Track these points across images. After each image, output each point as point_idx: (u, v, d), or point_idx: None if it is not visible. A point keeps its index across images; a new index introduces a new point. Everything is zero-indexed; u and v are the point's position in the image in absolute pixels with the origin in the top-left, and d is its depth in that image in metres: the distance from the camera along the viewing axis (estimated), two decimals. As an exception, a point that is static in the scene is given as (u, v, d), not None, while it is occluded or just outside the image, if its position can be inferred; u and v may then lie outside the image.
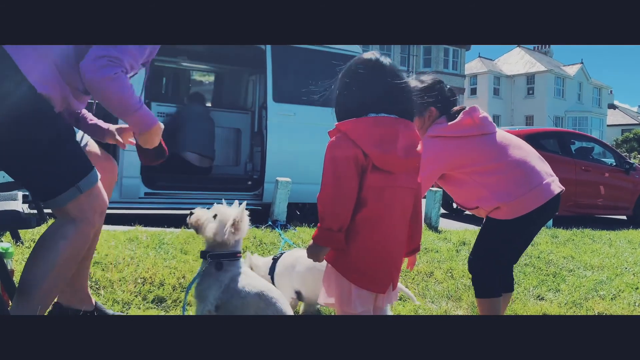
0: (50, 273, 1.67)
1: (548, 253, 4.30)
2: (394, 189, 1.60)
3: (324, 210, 1.55)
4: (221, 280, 1.98)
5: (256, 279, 2.11)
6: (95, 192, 1.75)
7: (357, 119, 1.58)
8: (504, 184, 2.13)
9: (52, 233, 1.68)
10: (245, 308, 2.04)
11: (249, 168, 6.25)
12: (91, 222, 1.74)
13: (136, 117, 1.74)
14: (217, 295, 1.97)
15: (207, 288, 1.96)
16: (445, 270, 3.50)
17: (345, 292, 1.60)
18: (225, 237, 1.96)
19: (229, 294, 2.00)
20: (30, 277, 1.68)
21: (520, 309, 2.84)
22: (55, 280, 1.71)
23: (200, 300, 1.97)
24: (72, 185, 1.66)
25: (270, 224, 4.56)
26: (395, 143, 1.57)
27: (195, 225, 2.03)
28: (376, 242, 1.59)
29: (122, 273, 2.70)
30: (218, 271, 1.98)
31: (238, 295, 2.02)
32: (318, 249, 1.58)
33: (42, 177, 1.65)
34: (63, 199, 1.66)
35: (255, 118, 6.21)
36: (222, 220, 1.99)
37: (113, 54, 1.64)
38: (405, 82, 1.64)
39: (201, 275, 1.98)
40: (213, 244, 2.01)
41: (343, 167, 1.53)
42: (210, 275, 1.98)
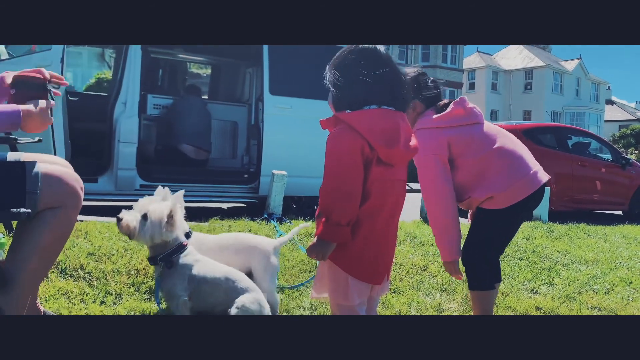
0: (33, 256, 1.65)
1: (543, 247, 4.31)
2: (392, 182, 1.60)
3: (331, 204, 1.49)
4: (182, 273, 2.02)
5: (212, 262, 2.14)
6: (52, 179, 1.66)
7: (361, 111, 1.55)
8: (496, 174, 2.14)
9: (34, 220, 1.65)
10: (215, 290, 2.06)
11: (245, 161, 6.24)
12: (69, 205, 1.69)
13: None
14: (184, 287, 2.00)
15: (172, 286, 2.00)
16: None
17: (342, 285, 1.58)
18: (163, 238, 1.96)
19: (195, 282, 2.03)
20: (14, 262, 1.66)
21: (513, 303, 2.85)
22: (39, 263, 1.68)
23: (171, 299, 2.01)
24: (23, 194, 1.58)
25: (265, 217, 4.55)
26: (398, 136, 1.57)
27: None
28: (376, 234, 1.58)
29: (116, 264, 2.70)
30: (171, 269, 2.01)
31: (205, 280, 2.04)
32: (325, 245, 1.51)
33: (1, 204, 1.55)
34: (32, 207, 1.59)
35: (252, 111, 6.19)
36: (155, 220, 1.96)
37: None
38: (404, 75, 1.64)
39: (159, 279, 2.00)
40: (154, 245, 2.01)
41: (350, 159, 1.49)
42: (167, 275, 2.01)
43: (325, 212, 1.50)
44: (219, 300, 2.08)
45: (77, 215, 1.75)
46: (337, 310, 1.64)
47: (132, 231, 1.95)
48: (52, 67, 4.10)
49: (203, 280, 2.04)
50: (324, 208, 1.51)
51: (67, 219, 1.70)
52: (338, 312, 1.64)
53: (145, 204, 2.01)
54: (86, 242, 2.95)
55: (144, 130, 5.07)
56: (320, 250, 1.52)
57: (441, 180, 2.14)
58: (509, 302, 2.86)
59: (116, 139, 4.77)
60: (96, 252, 2.81)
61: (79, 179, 1.75)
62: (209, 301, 2.07)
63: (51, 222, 1.66)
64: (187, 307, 2.01)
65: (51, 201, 1.65)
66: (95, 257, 2.76)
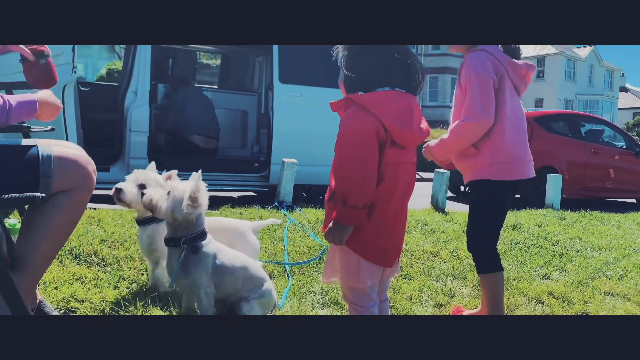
0: (46, 238, 1.67)
1: (555, 234, 4.28)
2: (405, 165, 1.59)
3: (348, 187, 1.48)
4: (207, 263, 2.00)
5: (230, 251, 2.15)
6: (65, 162, 1.67)
7: (375, 92, 1.54)
8: (507, 142, 2.14)
9: (47, 203, 1.66)
10: (236, 280, 2.07)
11: (255, 150, 6.25)
12: (82, 187, 1.70)
13: (12, 119, 1.64)
14: (209, 277, 1.99)
15: (198, 276, 1.97)
16: (450, 250, 3.50)
17: (353, 267, 1.58)
18: (184, 212, 1.91)
19: (220, 273, 2.02)
20: (26, 244, 1.67)
21: (525, 288, 2.84)
22: (51, 246, 1.70)
23: (198, 288, 1.98)
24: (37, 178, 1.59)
25: (276, 205, 4.57)
26: (412, 118, 1.56)
27: (149, 205, 1.95)
28: (388, 217, 1.57)
29: (129, 250, 2.73)
30: (196, 254, 1.98)
31: (229, 271, 2.05)
32: (342, 229, 1.50)
33: (15, 188, 1.54)
34: (46, 190, 1.60)
35: (262, 99, 6.19)
36: (178, 196, 1.92)
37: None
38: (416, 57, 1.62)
39: (181, 264, 1.96)
40: (175, 225, 1.97)
41: (366, 141, 1.48)
42: (192, 262, 1.97)
43: (342, 195, 1.49)
44: (236, 289, 2.10)
45: (89, 197, 1.77)
46: (348, 293, 1.64)
47: (154, 205, 1.93)
48: (63, 56, 4.14)
49: (227, 271, 2.05)
50: (340, 191, 1.49)
51: (80, 201, 1.72)
52: (350, 295, 1.64)
53: (171, 183, 2.00)
54: (99, 229, 2.98)
55: (154, 120, 5.09)
56: (338, 234, 1.51)
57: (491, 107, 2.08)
58: (520, 287, 2.85)
59: (127, 128, 4.80)
60: (109, 238, 2.84)
61: (92, 162, 1.76)
62: (227, 290, 2.09)
63: (64, 205, 1.67)
64: (212, 298, 2.01)
65: (64, 184, 1.67)
66: (108, 243, 2.79)
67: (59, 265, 2.47)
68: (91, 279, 2.38)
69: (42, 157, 1.61)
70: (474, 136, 2.13)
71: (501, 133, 2.15)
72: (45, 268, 1.75)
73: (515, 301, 2.61)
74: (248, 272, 2.12)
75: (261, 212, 4.02)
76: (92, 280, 2.37)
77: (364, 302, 1.61)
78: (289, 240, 3.33)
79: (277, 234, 3.46)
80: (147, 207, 1.97)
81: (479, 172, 2.18)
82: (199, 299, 1.99)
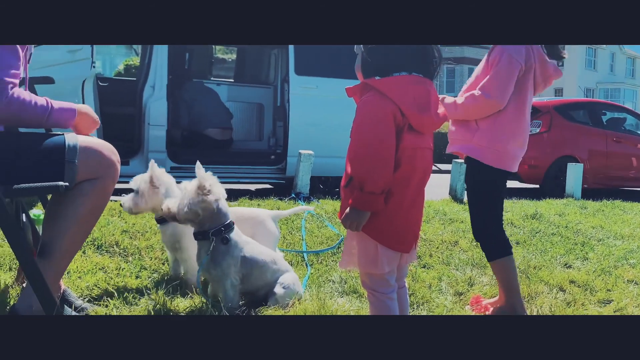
0: (73, 225, 1.70)
1: (576, 223, 4.22)
2: (422, 151, 1.58)
3: (365, 172, 1.47)
4: (235, 255, 2.01)
5: (257, 244, 2.17)
6: (90, 151, 1.71)
7: (392, 77, 1.53)
8: (508, 131, 2.17)
9: (73, 191, 1.69)
10: (263, 274, 2.09)
11: (272, 142, 6.27)
12: (106, 176, 1.74)
13: (51, 121, 1.70)
14: (237, 269, 2.01)
15: (227, 267, 1.99)
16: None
17: (371, 254, 1.57)
18: (201, 205, 1.93)
19: (248, 265, 2.04)
20: (52, 232, 1.71)
21: (546, 276, 2.81)
22: (77, 234, 1.74)
23: (225, 278, 2.00)
24: (62, 166, 1.63)
25: (293, 197, 4.58)
26: (429, 103, 1.55)
27: (170, 215, 1.99)
28: (406, 202, 1.56)
29: (150, 241, 2.77)
30: (225, 245, 1.99)
31: (257, 265, 2.06)
32: (359, 214, 1.49)
33: (39, 179, 1.61)
34: (71, 178, 1.64)
35: (278, 92, 6.20)
36: (189, 194, 1.95)
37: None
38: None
39: (211, 254, 1.97)
40: (199, 221, 1.98)
41: (384, 126, 1.47)
42: (222, 253, 1.99)
43: (359, 180, 1.48)
44: (265, 283, 2.12)
45: (113, 186, 1.80)
46: (367, 280, 1.64)
47: (174, 213, 1.97)
48: (82, 51, 4.20)
49: (255, 264, 2.07)
50: (358, 177, 1.48)
51: (105, 189, 1.75)
52: (368, 281, 1.64)
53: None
54: (120, 220, 3.03)
55: (172, 114, 5.13)
56: (355, 220, 1.50)
57: (509, 91, 2.11)
58: (541, 275, 2.82)
59: (146, 122, 4.85)
60: (130, 229, 2.89)
61: (116, 152, 1.80)
62: (256, 284, 2.11)
63: (89, 193, 1.71)
64: (237, 290, 2.03)
65: (89, 172, 1.70)
66: (129, 234, 2.84)
67: (82, 256, 2.52)
68: (113, 269, 2.42)
69: (68, 146, 1.66)
70: (483, 113, 2.16)
71: (509, 121, 2.16)
72: (71, 256, 1.79)
73: (536, 289, 2.58)
74: (275, 266, 2.15)
75: (279, 203, 4.04)
76: (115, 270, 2.41)
77: (382, 288, 1.61)
78: (306, 231, 3.34)
79: (295, 225, 3.48)
80: (169, 218, 2.02)
81: (471, 149, 2.21)
82: (225, 290, 2.00)
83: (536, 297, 2.50)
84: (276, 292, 2.07)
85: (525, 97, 2.18)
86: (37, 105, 1.66)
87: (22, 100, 1.62)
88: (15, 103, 1.61)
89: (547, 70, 2.21)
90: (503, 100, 2.11)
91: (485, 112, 2.15)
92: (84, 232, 1.78)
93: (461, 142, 2.25)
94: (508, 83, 2.10)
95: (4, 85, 1.58)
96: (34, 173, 1.62)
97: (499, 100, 2.10)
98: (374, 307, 1.63)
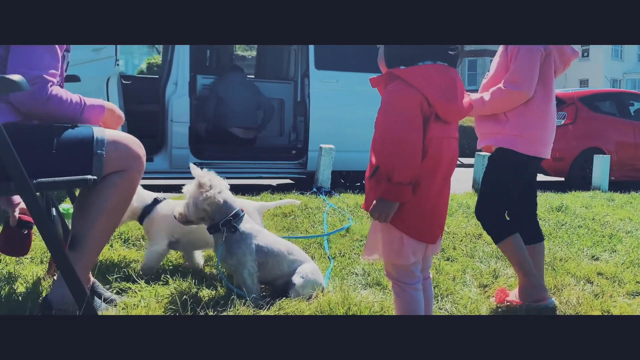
0: (102, 217, 1.75)
1: (603, 215, 4.13)
2: (448, 140, 1.57)
3: (393, 163, 1.45)
4: (248, 244, 2.04)
5: (270, 234, 2.19)
6: (117, 144, 1.75)
7: (417, 67, 1.51)
8: (537, 118, 2.19)
9: (101, 183, 1.73)
10: (280, 264, 2.11)
11: (292, 137, 6.29)
12: (133, 168, 1.78)
13: (84, 117, 1.78)
14: (253, 257, 2.03)
15: (242, 255, 2.02)
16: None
17: (396, 244, 1.56)
18: (207, 201, 1.98)
19: (263, 254, 2.06)
20: (82, 224, 1.76)
21: (573, 268, 2.76)
22: (106, 225, 1.78)
23: (243, 267, 2.03)
24: (91, 159, 1.68)
25: (314, 191, 4.59)
26: (456, 93, 1.54)
27: (183, 219, 2.04)
28: (432, 193, 1.55)
29: (175, 234, 2.80)
30: (236, 234, 2.03)
31: (272, 254, 2.08)
32: (388, 205, 1.48)
33: (68, 172, 1.66)
34: (98, 171, 1.68)
35: (298, 87, 6.21)
36: (192, 194, 1.99)
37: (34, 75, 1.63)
38: None
39: (224, 245, 2.01)
40: (211, 216, 2.03)
41: (411, 116, 1.46)
42: (234, 242, 2.03)
43: (387, 171, 1.47)
44: (282, 272, 2.14)
45: (140, 179, 1.84)
46: (392, 271, 1.64)
47: (186, 216, 2.03)
48: (106, 50, 4.27)
49: (270, 252, 2.09)
50: (385, 167, 1.47)
51: (132, 181, 1.79)
52: (393, 272, 1.63)
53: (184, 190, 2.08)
54: (146, 215, 3.08)
55: (194, 110, 5.19)
56: (384, 211, 1.50)
57: (535, 80, 2.13)
58: (568, 267, 2.78)
59: (169, 119, 4.92)
60: (156, 223, 2.92)
61: (142, 145, 1.84)
62: (273, 273, 2.13)
63: (117, 185, 1.75)
64: (255, 277, 2.06)
65: (116, 165, 1.74)
66: (155, 228, 2.87)
67: (109, 249, 2.57)
68: (140, 262, 2.46)
69: (96, 140, 1.70)
70: (513, 104, 2.17)
71: (537, 108, 2.18)
72: (101, 247, 1.83)
73: (563, 281, 2.54)
74: (292, 255, 2.16)
75: (300, 197, 4.05)
76: (141, 263, 2.45)
77: (407, 279, 1.60)
78: (328, 224, 3.35)
79: (317, 218, 3.49)
80: (183, 222, 2.06)
81: (504, 140, 2.21)
82: (243, 279, 2.03)
83: (563, 289, 2.46)
84: (295, 282, 2.08)
85: (549, 82, 2.20)
86: (72, 102, 1.75)
87: (60, 98, 1.71)
88: (54, 100, 1.69)
89: (565, 52, 2.24)
90: (531, 89, 2.13)
91: (515, 104, 2.17)
92: (113, 224, 1.82)
93: (492, 135, 2.26)
94: (533, 71, 2.13)
95: (43, 83, 1.66)
96: (64, 167, 1.67)
97: (528, 90, 2.12)
98: (399, 298, 1.63)
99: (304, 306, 1.98)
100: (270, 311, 1.91)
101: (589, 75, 30.26)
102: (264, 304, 1.97)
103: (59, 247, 1.64)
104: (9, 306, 1.80)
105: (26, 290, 2.02)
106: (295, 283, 2.08)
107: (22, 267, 2.30)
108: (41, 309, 1.76)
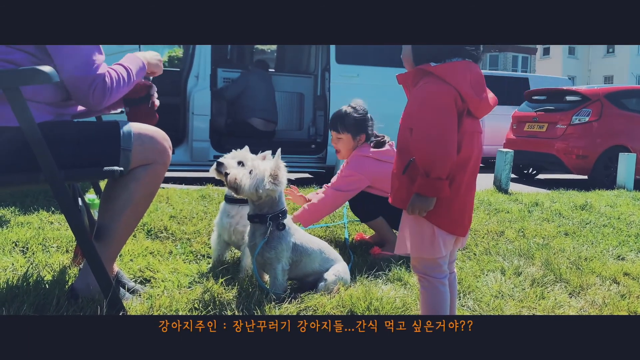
0: (127, 209, 1.76)
1: (629, 214, 4.05)
2: (478, 135, 1.59)
3: (432, 158, 1.46)
4: (287, 241, 2.05)
5: (305, 233, 2.19)
6: (143, 137, 1.76)
7: (448, 63, 1.52)
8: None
9: (127, 176, 1.75)
10: (313, 262, 2.12)
11: (312, 132, 6.29)
12: (159, 162, 1.79)
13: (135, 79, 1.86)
14: (289, 255, 2.04)
15: (280, 251, 2.03)
16: (516, 229, 3.39)
17: (428, 238, 1.57)
18: (267, 189, 1.96)
19: (299, 252, 2.07)
20: (108, 215, 1.78)
21: (598, 268, 2.71)
22: (131, 217, 1.79)
23: (278, 263, 2.04)
24: (118, 152, 1.69)
25: (334, 185, 4.58)
26: (484, 89, 1.56)
27: (233, 184, 1.99)
28: (463, 186, 1.57)
29: (197, 226, 2.83)
30: (280, 231, 2.03)
31: (306, 252, 2.08)
32: (426, 200, 1.49)
33: (96, 164, 1.68)
34: (125, 164, 1.70)
35: (318, 81, 6.20)
36: (259, 174, 1.97)
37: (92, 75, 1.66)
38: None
39: (267, 238, 2.01)
40: (259, 203, 2.02)
41: (448, 111, 1.47)
42: (276, 237, 2.03)
43: (424, 166, 1.47)
44: (313, 271, 2.15)
45: (165, 172, 1.85)
46: (419, 265, 1.63)
47: (238, 184, 1.98)
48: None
49: (305, 251, 2.10)
50: (423, 163, 1.47)
51: (157, 175, 1.80)
52: (421, 266, 1.62)
53: (253, 162, 2.06)
54: (168, 206, 3.12)
55: (215, 103, 5.22)
56: (423, 207, 1.50)
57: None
58: (593, 267, 2.73)
59: (190, 112, 4.95)
60: (178, 215, 2.96)
61: (168, 139, 1.85)
62: (304, 271, 2.14)
63: (143, 178, 1.76)
64: (286, 275, 2.07)
65: (143, 158, 1.75)
66: (177, 219, 2.91)
67: (133, 240, 2.61)
68: (163, 252, 2.49)
69: (123, 133, 1.71)
70: None
71: None
72: (125, 238, 1.85)
73: (588, 281, 2.50)
74: (324, 254, 2.18)
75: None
76: (165, 254, 2.48)
77: (435, 272, 1.60)
78: (348, 219, 3.34)
79: (336, 213, 3.49)
80: (231, 186, 2.01)
81: None
82: (275, 274, 2.04)
83: (587, 289, 2.42)
84: (327, 279, 2.09)
85: None
86: (125, 80, 1.79)
87: (118, 83, 1.74)
88: (114, 91, 1.73)
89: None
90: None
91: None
92: (138, 216, 1.84)
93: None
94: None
95: (102, 83, 1.68)
96: (91, 159, 1.69)
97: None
98: (426, 291, 1.62)
99: (325, 300, 1.98)
100: (293, 304, 1.92)
101: (614, 71, 29.61)
102: (285, 296, 1.98)
103: (86, 236, 1.67)
104: (37, 294, 1.84)
105: (53, 278, 2.06)
106: (327, 279, 2.10)
107: (49, 256, 2.34)
108: (68, 297, 1.79)
